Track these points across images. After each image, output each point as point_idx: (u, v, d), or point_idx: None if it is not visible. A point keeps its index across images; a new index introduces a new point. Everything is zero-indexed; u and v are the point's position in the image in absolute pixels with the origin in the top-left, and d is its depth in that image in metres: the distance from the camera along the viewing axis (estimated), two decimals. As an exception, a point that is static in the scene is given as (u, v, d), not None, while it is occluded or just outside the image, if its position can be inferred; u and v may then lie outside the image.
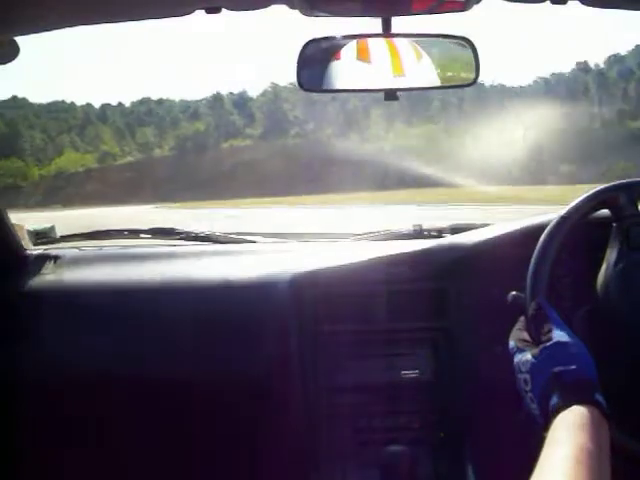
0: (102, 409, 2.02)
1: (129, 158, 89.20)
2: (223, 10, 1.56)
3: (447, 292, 1.99)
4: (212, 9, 1.54)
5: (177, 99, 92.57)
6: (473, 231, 2.07)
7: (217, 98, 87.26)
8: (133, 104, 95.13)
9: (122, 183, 75.95)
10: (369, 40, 1.68)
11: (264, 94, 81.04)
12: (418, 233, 2.28)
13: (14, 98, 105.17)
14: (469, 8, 1.62)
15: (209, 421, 2.04)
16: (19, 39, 1.65)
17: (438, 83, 1.74)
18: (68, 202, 63.51)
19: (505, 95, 57.78)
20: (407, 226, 2.32)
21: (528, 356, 1.38)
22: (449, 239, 2.09)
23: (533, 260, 1.58)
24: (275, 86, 79.56)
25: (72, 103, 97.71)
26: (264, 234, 2.47)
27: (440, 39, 1.74)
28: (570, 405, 1.22)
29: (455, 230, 2.19)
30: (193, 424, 2.04)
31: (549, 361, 1.33)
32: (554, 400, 1.26)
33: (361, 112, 65.68)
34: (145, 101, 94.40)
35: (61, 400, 2.01)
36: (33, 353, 2.03)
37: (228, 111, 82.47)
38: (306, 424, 1.99)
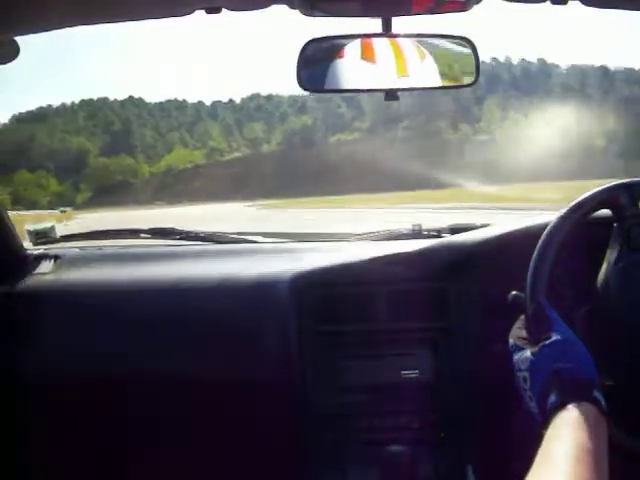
0: (102, 409, 2.04)
1: (236, 154, 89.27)
2: (223, 10, 1.56)
3: (447, 292, 1.98)
4: (212, 9, 1.55)
5: (286, 94, 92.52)
6: (473, 231, 2.06)
7: None
8: (243, 100, 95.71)
9: (228, 179, 76.27)
10: (373, 40, 1.68)
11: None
12: (418, 233, 2.27)
13: (131, 98, 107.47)
14: (469, 8, 1.62)
15: (209, 421, 2.05)
16: (19, 39, 1.66)
17: (440, 83, 1.74)
18: (175, 199, 64.28)
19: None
20: (407, 226, 2.32)
21: (527, 354, 1.37)
22: (449, 239, 2.08)
23: (533, 259, 1.57)
24: None
25: (184, 101, 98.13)
26: (264, 234, 2.48)
27: (440, 39, 1.73)
28: (568, 403, 1.22)
29: (454, 230, 2.19)
30: (193, 424, 2.05)
31: (548, 359, 1.33)
32: (552, 398, 1.26)
33: (473, 102, 64.67)
34: (255, 97, 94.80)
35: (61, 400, 2.02)
36: (33, 353, 2.03)
37: (336, 104, 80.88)
38: (306, 424, 1.99)
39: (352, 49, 1.68)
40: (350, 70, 1.70)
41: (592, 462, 1.09)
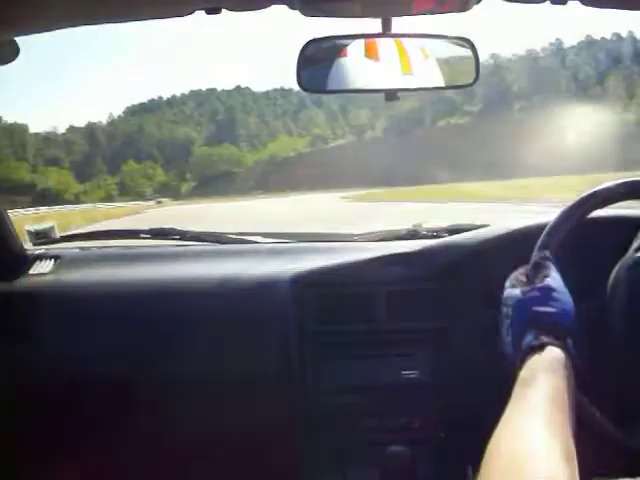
0: (102, 408, 2.04)
1: (340, 141, 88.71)
2: (223, 10, 1.55)
3: (446, 292, 1.98)
4: (212, 9, 1.54)
5: None
6: (472, 231, 2.06)
7: None
8: None
9: (331, 167, 73.74)
10: (374, 40, 1.68)
11: (483, 66, 79.18)
12: (417, 233, 2.27)
13: (237, 87, 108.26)
14: (469, 8, 1.60)
15: (209, 421, 2.05)
16: (19, 39, 1.66)
17: (440, 84, 1.74)
18: (276, 189, 64.07)
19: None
20: (407, 226, 2.31)
21: (517, 291, 1.40)
22: (448, 239, 2.08)
23: (555, 218, 1.56)
24: (496, 56, 74.49)
25: (290, 89, 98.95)
26: (264, 234, 2.48)
27: (440, 39, 1.73)
28: (543, 346, 1.25)
29: (454, 230, 2.18)
30: (193, 424, 2.06)
31: (534, 300, 1.35)
32: (529, 338, 1.29)
33: (594, 79, 61.43)
34: None
35: (61, 399, 2.03)
36: (32, 352, 2.04)
37: None
38: (306, 424, 2.00)
39: (353, 49, 1.68)
40: (350, 70, 1.70)
41: (566, 406, 1.12)
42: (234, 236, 2.42)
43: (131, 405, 2.04)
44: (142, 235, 2.36)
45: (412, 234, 2.27)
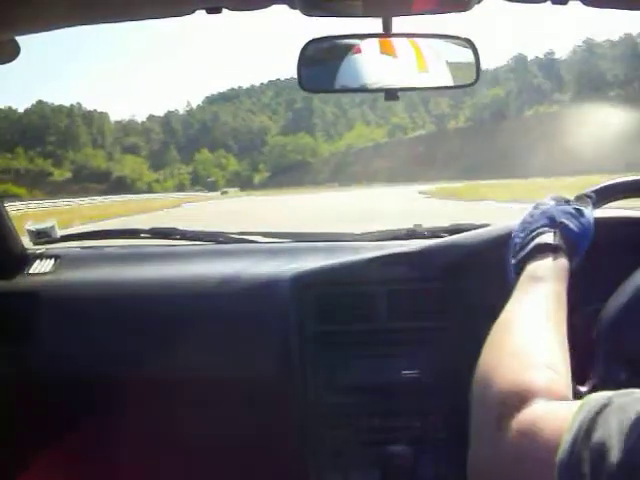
0: (102, 408, 2.06)
1: (420, 131, 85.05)
2: (224, 10, 1.56)
3: (447, 292, 1.98)
4: (213, 9, 1.54)
5: None
6: (473, 231, 2.04)
7: (519, 60, 79.75)
8: None
9: (410, 158, 71.64)
10: (376, 40, 1.69)
11: (575, 52, 72.51)
12: (418, 233, 2.26)
13: None
14: (470, 8, 1.59)
15: (210, 420, 2.06)
16: (20, 39, 1.66)
17: (441, 83, 1.75)
18: (350, 180, 61.67)
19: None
20: (407, 226, 2.32)
21: (551, 202, 1.44)
22: (449, 239, 2.07)
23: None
24: (590, 42, 69.26)
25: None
26: (264, 233, 2.47)
27: (441, 39, 1.73)
28: (556, 252, 1.30)
29: (455, 230, 2.17)
30: (193, 423, 2.06)
31: (566, 213, 1.39)
32: (548, 237, 1.33)
33: None
34: None
35: (60, 399, 2.04)
36: (32, 351, 2.04)
37: (532, 74, 74.16)
38: (307, 424, 1.99)
39: (353, 49, 1.69)
40: (351, 70, 1.70)
41: (564, 309, 1.18)
42: (234, 235, 2.42)
43: (131, 404, 2.04)
44: (142, 235, 2.35)
45: (412, 234, 2.27)
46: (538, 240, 1.33)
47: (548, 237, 1.32)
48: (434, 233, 2.23)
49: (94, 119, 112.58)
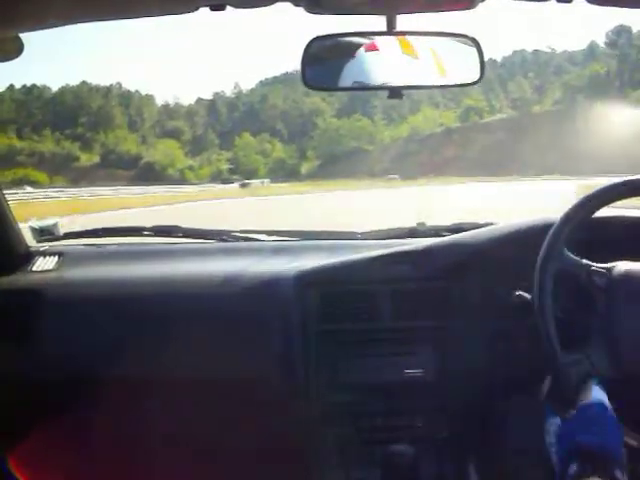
0: (103, 406, 2.05)
1: (499, 115, 70.78)
2: (227, 7, 1.56)
3: (450, 291, 1.98)
4: (216, 6, 1.53)
5: (558, 49, 75.14)
6: (476, 230, 2.05)
7: (622, 31, 65.65)
8: (505, 58, 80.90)
9: (487, 147, 60.70)
10: (378, 38, 1.68)
11: None
12: (421, 232, 2.26)
13: None
14: (474, 6, 1.58)
15: (212, 419, 2.06)
16: (24, 35, 1.66)
17: (444, 82, 1.75)
18: (415, 172, 51.96)
19: None
20: (410, 224, 2.31)
21: (557, 420, 1.40)
22: (452, 238, 2.07)
23: (540, 258, 1.58)
24: None
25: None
26: (268, 231, 2.45)
27: (445, 37, 1.72)
28: (588, 476, 1.24)
29: (458, 229, 2.17)
30: (195, 422, 2.07)
31: (575, 430, 1.33)
32: (574, 468, 1.27)
33: None
34: (519, 52, 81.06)
35: (63, 396, 2.04)
36: (35, 349, 2.04)
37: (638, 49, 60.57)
38: (309, 422, 2.00)
39: (357, 47, 1.68)
40: (355, 68, 1.69)
41: None
42: (238, 233, 2.41)
43: (132, 402, 2.05)
44: (145, 233, 2.36)
45: (415, 232, 2.27)
46: (570, 472, 1.28)
47: (573, 469, 1.27)
48: (437, 232, 2.23)
49: (133, 100, 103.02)
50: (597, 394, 1.38)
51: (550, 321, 1.53)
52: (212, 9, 1.56)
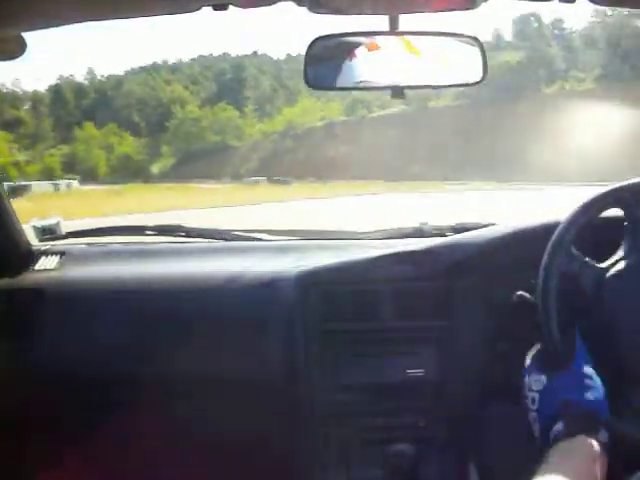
0: (103, 405, 2.05)
1: (391, 110, 58.77)
2: (230, 7, 1.56)
3: (452, 291, 1.98)
4: (219, 6, 1.52)
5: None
6: (478, 230, 2.05)
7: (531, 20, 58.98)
8: None
9: (377, 146, 49.39)
10: (380, 38, 1.68)
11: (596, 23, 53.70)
12: (423, 232, 2.27)
13: (254, 53, 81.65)
14: (477, 6, 1.59)
15: (212, 420, 2.06)
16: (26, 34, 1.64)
17: (447, 81, 1.76)
18: (289, 174, 43.11)
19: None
20: (413, 224, 2.32)
21: (542, 377, 1.38)
22: (454, 238, 2.07)
23: (545, 257, 1.57)
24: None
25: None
26: (270, 231, 2.46)
27: (447, 37, 1.73)
28: (574, 435, 1.24)
29: (460, 229, 2.17)
30: (196, 422, 2.06)
31: (562, 388, 1.34)
32: (559, 427, 1.27)
33: None
34: None
35: (64, 395, 2.04)
36: (36, 348, 2.04)
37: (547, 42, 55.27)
38: (311, 422, 2.00)
39: (360, 46, 1.68)
40: (357, 67, 1.69)
41: None
42: (240, 233, 2.42)
43: (133, 401, 2.04)
44: (147, 232, 2.35)
45: (418, 232, 2.27)
46: (553, 434, 1.28)
47: (559, 427, 1.28)
48: (439, 232, 2.24)
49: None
50: (587, 357, 1.40)
51: (553, 321, 1.53)
52: (215, 9, 1.55)
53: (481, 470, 1.93)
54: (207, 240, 2.38)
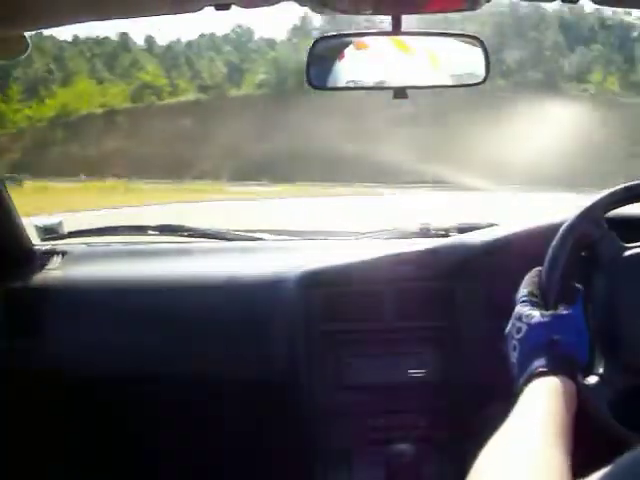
0: (104, 404, 2.06)
1: (184, 97, 50.28)
2: (232, 7, 1.56)
3: (453, 291, 1.98)
4: (221, 6, 1.53)
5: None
6: (482, 230, 2.05)
7: None
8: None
9: (163, 139, 40.65)
10: (382, 38, 1.68)
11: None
12: (425, 232, 2.26)
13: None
14: (480, 7, 1.60)
15: (215, 419, 2.06)
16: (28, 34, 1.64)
17: (450, 82, 1.76)
18: (59, 170, 33.64)
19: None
20: (415, 224, 2.31)
21: (536, 313, 1.37)
22: (456, 238, 2.07)
23: (573, 216, 1.53)
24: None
25: (106, 37, 55.46)
26: (272, 231, 2.46)
27: (450, 37, 1.73)
28: (553, 373, 1.25)
29: (462, 229, 2.17)
30: (198, 422, 2.06)
31: (554, 327, 1.34)
32: (541, 362, 1.28)
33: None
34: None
35: (64, 395, 2.04)
36: (38, 348, 2.04)
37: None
38: (312, 423, 2.00)
39: (364, 47, 1.69)
40: (359, 68, 1.70)
41: (565, 433, 1.12)
42: (242, 233, 2.42)
43: (133, 402, 2.05)
44: (150, 231, 2.36)
45: (421, 232, 2.27)
46: (533, 367, 1.29)
47: (540, 362, 1.28)
48: (441, 232, 2.24)
49: None
50: (580, 303, 1.40)
51: (559, 269, 1.49)
52: (217, 9, 1.56)
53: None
54: (208, 240, 2.38)
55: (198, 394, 2.03)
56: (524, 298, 1.44)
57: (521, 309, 1.41)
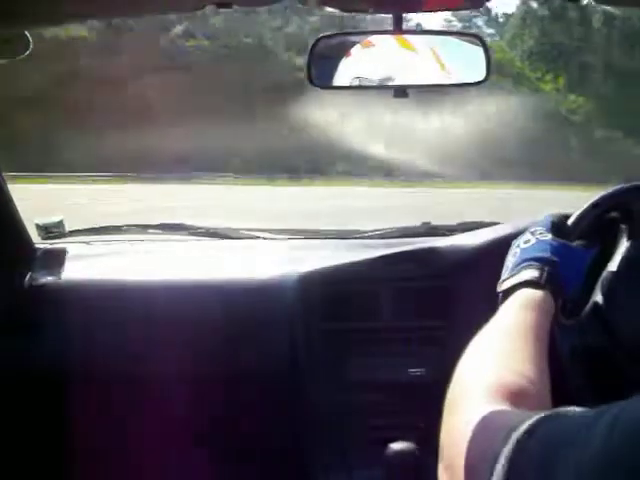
0: (104, 404, 2.05)
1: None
2: (234, 6, 1.58)
3: (455, 290, 1.98)
4: (223, 4, 1.52)
5: None
6: (483, 229, 2.05)
7: None
8: None
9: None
10: (384, 37, 1.68)
11: None
12: (426, 231, 2.27)
13: None
14: (481, 5, 1.60)
15: (215, 419, 2.06)
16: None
17: (450, 81, 1.74)
18: None
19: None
20: (416, 223, 2.32)
21: (549, 236, 1.39)
22: (458, 237, 2.07)
23: (596, 196, 1.53)
24: None
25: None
26: (273, 230, 2.47)
27: (451, 36, 1.75)
28: (541, 287, 1.28)
29: (464, 228, 2.17)
30: (199, 422, 2.07)
31: (559, 251, 1.36)
32: (534, 272, 1.31)
33: None
34: None
35: (65, 394, 2.02)
36: (38, 347, 2.04)
37: None
38: (312, 422, 2.00)
39: (366, 46, 1.68)
40: (365, 66, 1.70)
41: (544, 338, 1.16)
42: (242, 232, 2.42)
43: (133, 401, 2.05)
44: (150, 230, 2.37)
45: (421, 231, 2.27)
46: (524, 274, 1.32)
47: (534, 273, 1.30)
48: (442, 231, 2.24)
49: None
50: (592, 251, 1.43)
51: (585, 220, 1.50)
52: (219, 7, 1.56)
53: None
54: (209, 239, 2.38)
55: (198, 393, 2.03)
56: (544, 222, 1.45)
57: (537, 227, 1.44)
